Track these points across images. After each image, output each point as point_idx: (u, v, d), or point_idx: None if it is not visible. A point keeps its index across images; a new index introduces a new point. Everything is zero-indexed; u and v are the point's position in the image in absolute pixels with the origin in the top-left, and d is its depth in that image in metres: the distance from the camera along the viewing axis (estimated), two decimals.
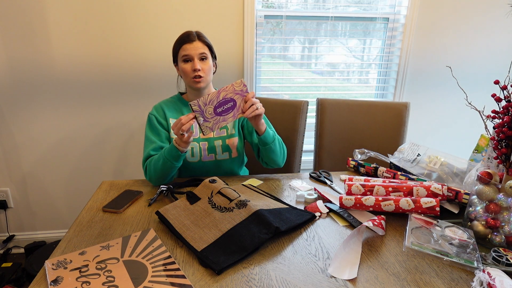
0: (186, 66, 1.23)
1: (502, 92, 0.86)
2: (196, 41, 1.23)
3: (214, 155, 1.29)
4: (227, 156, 1.30)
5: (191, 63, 1.23)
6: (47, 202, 2.01)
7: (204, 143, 1.28)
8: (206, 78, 1.25)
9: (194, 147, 1.26)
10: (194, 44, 1.22)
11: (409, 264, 0.78)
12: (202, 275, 0.74)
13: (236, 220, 0.89)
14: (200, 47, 1.23)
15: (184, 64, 1.24)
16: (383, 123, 1.69)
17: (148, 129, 1.27)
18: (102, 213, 1.00)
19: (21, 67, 1.75)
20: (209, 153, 1.28)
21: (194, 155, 1.27)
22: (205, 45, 1.25)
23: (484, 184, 0.86)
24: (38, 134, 1.87)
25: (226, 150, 1.30)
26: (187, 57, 1.23)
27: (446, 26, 2.00)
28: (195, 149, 1.27)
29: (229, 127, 1.31)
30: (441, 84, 2.11)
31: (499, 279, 0.68)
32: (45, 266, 0.74)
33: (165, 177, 1.16)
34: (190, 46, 1.22)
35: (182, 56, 1.23)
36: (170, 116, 1.29)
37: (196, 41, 1.23)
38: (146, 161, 1.20)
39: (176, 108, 1.32)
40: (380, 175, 1.20)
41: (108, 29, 1.75)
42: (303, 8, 1.93)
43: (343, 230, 0.92)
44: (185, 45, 1.23)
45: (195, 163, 1.28)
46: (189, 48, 1.22)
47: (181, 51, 1.24)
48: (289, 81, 2.07)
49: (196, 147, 1.27)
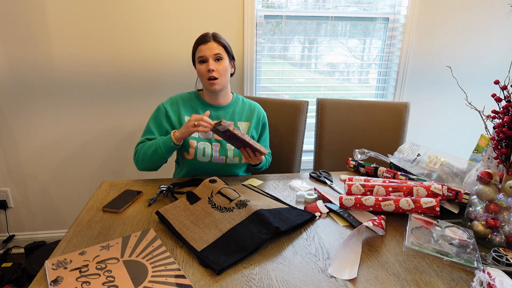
0: (202, 67, 1.24)
1: (502, 92, 0.86)
2: (211, 41, 1.22)
3: (225, 158, 1.28)
4: (237, 161, 1.30)
5: (206, 64, 1.23)
6: (47, 202, 2.01)
7: (216, 145, 1.28)
8: (222, 80, 1.24)
9: (206, 147, 1.27)
10: (209, 45, 1.22)
11: (409, 264, 0.78)
12: (202, 275, 0.74)
13: (236, 220, 0.89)
14: (215, 48, 1.22)
15: (200, 65, 1.24)
16: (383, 123, 1.69)
17: (152, 118, 1.29)
18: (102, 213, 1.00)
19: (22, 67, 1.75)
20: (220, 155, 1.28)
21: (205, 155, 1.26)
22: (221, 46, 1.24)
23: (484, 184, 0.86)
24: (38, 134, 1.87)
25: (237, 155, 1.29)
26: (202, 58, 1.23)
27: (446, 26, 2.00)
28: (206, 149, 1.26)
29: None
30: (441, 84, 2.11)
31: (499, 279, 0.68)
32: (45, 266, 0.74)
33: (151, 165, 1.22)
34: (205, 47, 1.22)
35: (198, 57, 1.24)
36: (184, 114, 1.29)
37: (211, 41, 1.22)
38: (138, 145, 1.25)
39: (192, 105, 1.32)
40: (380, 175, 1.20)
41: (109, 29, 1.75)
42: (303, 8, 1.93)
43: (343, 230, 0.92)
44: (200, 46, 1.23)
45: (205, 163, 1.27)
46: (204, 49, 1.22)
47: (197, 52, 1.24)
48: (289, 81, 2.07)
49: (208, 147, 1.27)
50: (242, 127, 1.34)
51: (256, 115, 1.37)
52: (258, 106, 1.40)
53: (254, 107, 1.38)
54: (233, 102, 1.35)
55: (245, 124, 1.34)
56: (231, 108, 1.34)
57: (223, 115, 1.32)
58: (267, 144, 1.44)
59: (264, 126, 1.41)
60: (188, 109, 1.31)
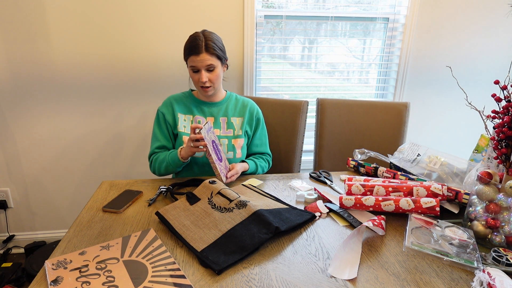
0: (194, 75, 1.24)
1: (502, 92, 0.86)
2: (203, 53, 1.19)
3: None
4: (232, 155, 1.31)
5: (199, 74, 1.23)
6: (47, 202, 2.01)
7: None
8: (214, 86, 1.27)
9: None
10: (201, 57, 1.20)
11: (409, 264, 0.78)
12: (202, 275, 0.74)
13: (236, 220, 0.89)
14: (207, 59, 1.20)
15: (192, 73, 1.25)
16: (383, 123, 1.69)
17: (156, 125, 1.34)
18: (102, 213, 1.00)
19: (22, 68, 1.74)
20: None
21: None
22: (213, 56, 1.21)
23: (484, 184, 0.86)
24: (38, 134, 1.87)
25: (231, 150, 1.31)
26: (194, 68, 1.23)
27: (446, 26, 2.00)
28: None
29: (236, 128, 1.34)
30: (441, 84, 2.11)
31: (499, 279, 0.68)
32: (45, 266, 0.74)
33: (168, 174, 1.30)
34: (197, 59, 1.20)
35: (190, 66, 1.24)
36: (178, 111, 1.32)
37: (203, 53, 1.19)
38: (151, 157, 1.32)
39: (185, 104, 1.34)
40: (380, 175, 1.20)
41: (109, 29, 1.75)
42: (303, 8, 1.93)
43: (343, 230, 0.92)
44: (192, 57, 1.21)
45: (200, 158, 1.30)
46: (196, 60, 1.20)
47: (189, 61, 1.23)
48: (289, 81, 2.07)
49: None
50: (236, 122, 1.35)
51: (248, 110, 1.38)
52: (252, 102, 1.41)
53: (247, 103, 1.40)
54: (226, 99, 1.37)
55: (239, 120, 1.36)
56: (224, 105, 1.36)
57: (216, 112, 1.34)
58: (263, 143, 1.43)
59: (258, 121, 1.40)
60: (182, 107, 1.33)
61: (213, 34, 1.24)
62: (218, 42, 1.25)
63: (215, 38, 1.24)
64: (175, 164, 1.23)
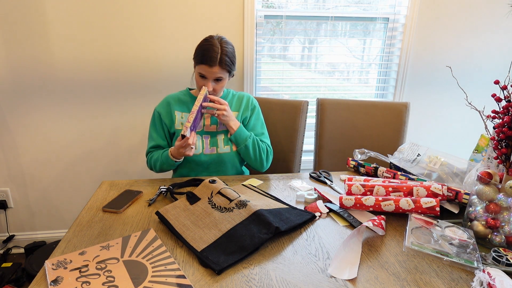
0: (200, 80, 1.24)
1: (502, 92, 0.86)
2: (216, 66, 1.19)
3: (216, 148, 1.30)
4: (229, 149, 1.31)
5: (205, 81, 1.22)
6: (47, 202, 2.01)
7: (206, 136, 1.31)
8: (217, 93, 1.30)
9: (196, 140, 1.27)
10: (214, 69, 1.19)
11: (409, 264, 0.78)
12: (202, 275, 0.74)
13: (236, 220, 0.89)
14: (218, 72, 1.20)
15: (199, 77, 1.24)
16: (383, 123, 1.69)
17: (151, 124, 1.36)
18: (102, 213, 1.00)
19: (22, 68, 1.74)
20: (211, 146, 1.30)
21: (196, 148, 1.28)
22: (225, 70, 1.21)
23: (484, 184, 0.86)
24: (38, 134, 1.87)
25: (228, 144, 1.31)
26: (203, 75, 1.22)
27: (446, 26, 2.00)
28: (197, 142, 1.28)
29: None
30: (441, 84, 2.11)
31: (499, 279, 0.68)
32: (45, 266, 0.74)
33: (166, 171, 1.33)
34: (208, 70, 1.19)
35: (198, 72, 1.23)
36: (175, 109, 1.33)
37: (216, 66, 1.19)
38: (148, 155, 1.35)
39: (183, 102, 1.35)
40: (380, 175, 1.20)
41: (109, 29, 1.75)
42: (303, 8, 1.93)
43: (343, 230, 0.92)
44: (203, 66, 1.19)
45: (197, 156, 1.28)
46: (207, 71, 1.20)
47: (198, 68, 1.22)
48: (289, 81, 2.07)
49: (199, 139, 1.29)
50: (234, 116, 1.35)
51: (244, 102, 1.38)
52: (247, 94, 1.42)
53: (242, 96, 1.40)
54: (223, 96, 1.38)
55: (235, 114, 1.36)
56: None
57: None
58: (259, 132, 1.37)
59: (254, 109, 1.38)
60: (179, 105, 1.34)
61: (229, 46, 1.22)
62: (232, 55, 1.24)
63: (230, 50, 1.22)
64: (168, 163, 1.25)
